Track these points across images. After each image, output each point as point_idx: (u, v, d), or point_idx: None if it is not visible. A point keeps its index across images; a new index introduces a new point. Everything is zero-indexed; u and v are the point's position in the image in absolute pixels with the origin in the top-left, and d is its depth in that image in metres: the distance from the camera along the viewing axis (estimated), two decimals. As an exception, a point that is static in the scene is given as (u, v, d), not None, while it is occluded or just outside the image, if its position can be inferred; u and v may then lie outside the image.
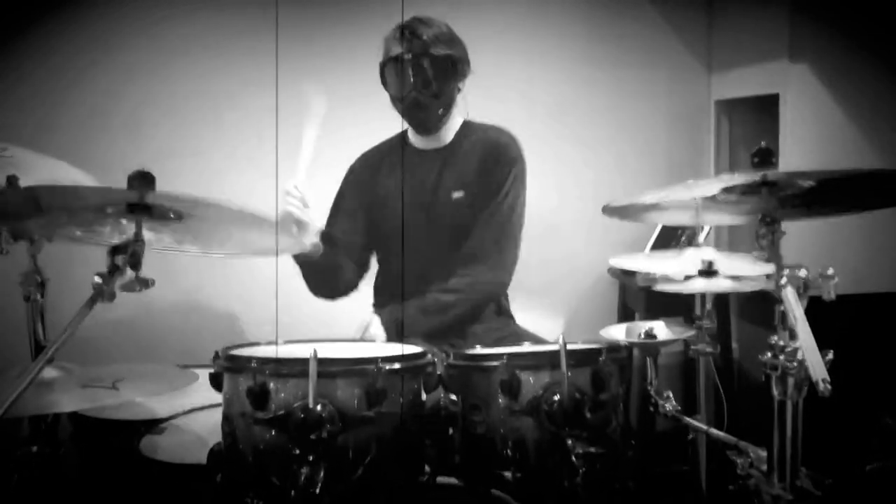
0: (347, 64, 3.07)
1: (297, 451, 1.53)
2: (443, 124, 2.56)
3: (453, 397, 1.75)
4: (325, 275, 2.56)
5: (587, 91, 3.45)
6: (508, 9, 3.35)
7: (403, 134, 2.63)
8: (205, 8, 3.12)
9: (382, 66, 2.50)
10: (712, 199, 1.69)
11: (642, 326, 2.10)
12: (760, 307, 1.96)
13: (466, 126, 2.61)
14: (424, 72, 2.45)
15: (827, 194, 1.67)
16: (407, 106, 2.48)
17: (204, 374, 1.71)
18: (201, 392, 1.83)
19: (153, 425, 2.00)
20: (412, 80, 2.44)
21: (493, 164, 2.54)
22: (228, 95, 3.14)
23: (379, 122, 2.60)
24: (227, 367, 1.65)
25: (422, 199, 2.54)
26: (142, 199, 1.55)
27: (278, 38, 2.52)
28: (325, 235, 2.50)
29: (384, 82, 2.51)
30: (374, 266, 2.69)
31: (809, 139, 3.09)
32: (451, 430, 1.75)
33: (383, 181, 2.61)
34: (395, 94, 2.49)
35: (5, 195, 1.69)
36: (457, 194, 2.53)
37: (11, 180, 1.80)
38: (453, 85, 2.51)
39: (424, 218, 2.53)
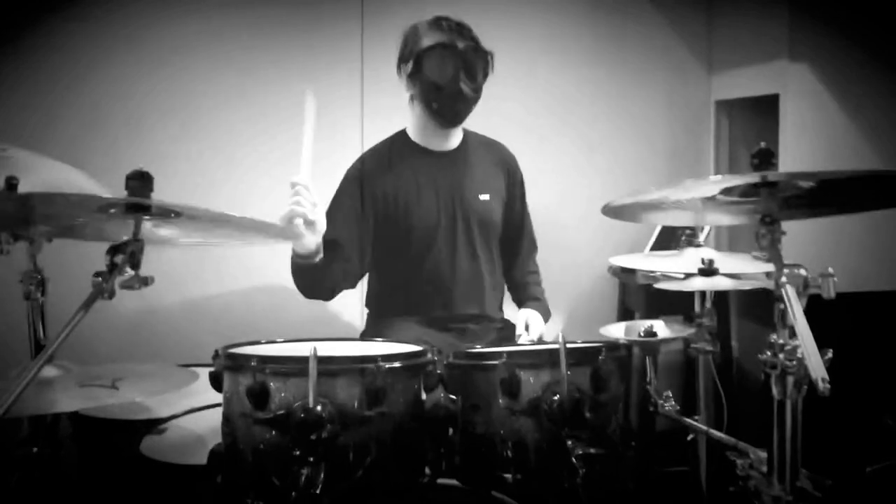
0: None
1: (298, 452, 1.53)
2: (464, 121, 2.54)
3: (453, 397, 1.75)
4: (318, 276, 2.38)
5: (587, 91, 3.45)
6: (509, 8, 3.35)
7: (403, 133, 2.60)
8: (205, 8, 3.11)
9: (419, 54, 2.40)
10: (712, 199, 1.69)
11: (642, 325, 2.10)
12: (760, 306, 1.96)
13: (465, 131, 2.61)
14: (475, 65, 2.41)
15: (827, 194, 1.67)
16: (448, 95, 2.41)
17: (204, 374, 1.71)
18: (201, 392, 1.82)
19: (153, 425, 2.00)
20: (462, 70, 2.39)
21: (514, 170, 2.67)
22: (228, 97, 3.14)
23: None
24: (227, 366, 1.65)
25: (448, 199, 2.53)
26: (140, 203, 1.55)
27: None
28: (326, 240, 2.36)
29: (418, 71, 2.41)
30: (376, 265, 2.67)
31: (809, 139, 3.08)
32: (451, 430, 1.75)
33: (394, 181, 2.52)
34: (438, 81, 2.40)
35: (2, 199, 1.69)
36: (483, 196, 2.56)
37: (10, 182, 1.79)
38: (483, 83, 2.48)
39: (451, 217, 2.52)
